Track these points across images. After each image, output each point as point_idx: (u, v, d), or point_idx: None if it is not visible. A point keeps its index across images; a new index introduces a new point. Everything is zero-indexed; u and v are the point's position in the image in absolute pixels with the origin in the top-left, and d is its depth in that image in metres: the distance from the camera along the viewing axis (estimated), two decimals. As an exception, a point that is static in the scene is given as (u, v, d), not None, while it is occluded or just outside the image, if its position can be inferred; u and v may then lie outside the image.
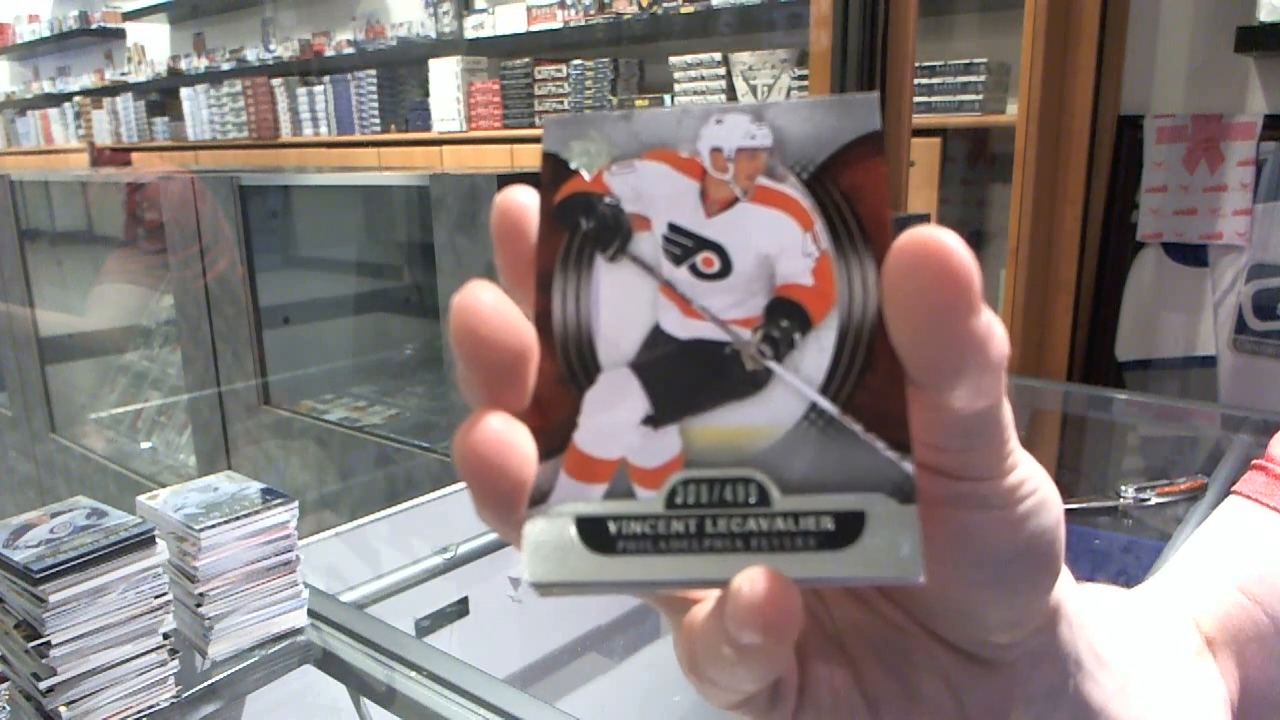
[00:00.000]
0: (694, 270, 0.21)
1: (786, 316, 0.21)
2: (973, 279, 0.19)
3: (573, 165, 0.22)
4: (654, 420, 0.21)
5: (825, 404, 0.20)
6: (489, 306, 0.19)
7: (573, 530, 0.20)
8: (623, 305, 0.21)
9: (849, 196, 0.21)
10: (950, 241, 0.19)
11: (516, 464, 0.20)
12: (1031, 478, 0.22)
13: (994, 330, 0.19)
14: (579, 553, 0.20)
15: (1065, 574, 0.25)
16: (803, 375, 0.20)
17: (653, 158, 0.22)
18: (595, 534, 0.20)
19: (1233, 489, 0.42)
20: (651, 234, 0.21)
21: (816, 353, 0.20)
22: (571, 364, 0.21)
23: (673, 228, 0.21)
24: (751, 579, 0.19)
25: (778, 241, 0.21)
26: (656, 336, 0.21)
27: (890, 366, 0.20)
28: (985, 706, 0.24)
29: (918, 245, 0.19)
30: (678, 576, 0.20)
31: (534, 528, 0.20)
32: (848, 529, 0.20)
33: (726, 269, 0.21)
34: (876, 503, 0.20)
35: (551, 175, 0.22)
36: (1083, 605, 0.26)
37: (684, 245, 0.21)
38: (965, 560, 0.22)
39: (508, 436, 0.20)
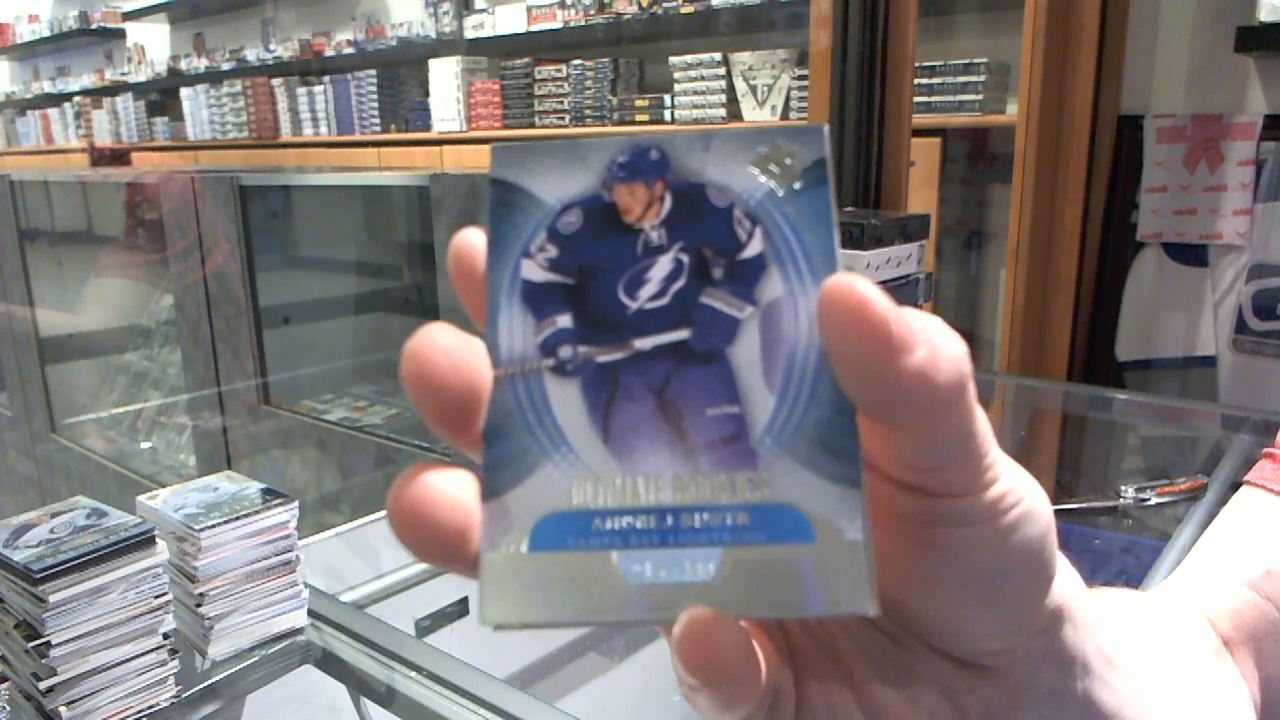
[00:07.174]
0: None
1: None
2: (889, 327, 0.18)
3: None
4: None
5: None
6: (439, 348, 0.19)
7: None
8: None
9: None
10: (864, 292, 0.18)
11: (447, 517, 0.19)
12: (1015, 488, 0.21)
13: (938, 359, 0.18)
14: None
15: (1073, 576, 0.24)
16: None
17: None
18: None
19: (1244, 478, 0.42)
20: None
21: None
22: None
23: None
24: (690, 620, 0.19)
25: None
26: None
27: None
28: (986, 712, 0.24)
29: (834, 298, 0.18)
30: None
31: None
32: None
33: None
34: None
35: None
36: (1092, 608, 0.25)
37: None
38: (951, 577, 0.21)
39: (437, 495, 0.19)
